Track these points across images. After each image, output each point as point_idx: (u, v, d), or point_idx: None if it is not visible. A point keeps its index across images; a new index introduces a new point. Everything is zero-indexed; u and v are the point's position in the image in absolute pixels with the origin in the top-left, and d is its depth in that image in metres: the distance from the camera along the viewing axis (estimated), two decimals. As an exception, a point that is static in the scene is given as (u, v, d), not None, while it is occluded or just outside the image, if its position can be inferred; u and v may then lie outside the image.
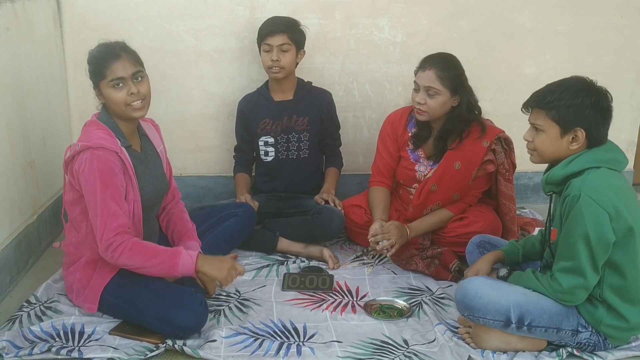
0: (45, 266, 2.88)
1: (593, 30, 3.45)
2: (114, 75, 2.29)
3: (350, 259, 2.98)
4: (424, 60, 2.75)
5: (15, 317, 2.41)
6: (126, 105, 2.32)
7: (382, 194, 2.98)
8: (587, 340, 2.19)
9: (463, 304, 2.23)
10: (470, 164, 2.79)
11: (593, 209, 2.02)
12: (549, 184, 2.18)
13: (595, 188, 2.04)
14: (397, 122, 2.96)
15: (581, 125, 2.10)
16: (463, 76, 2.75)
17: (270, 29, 2.99)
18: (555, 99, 2.11)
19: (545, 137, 2.15)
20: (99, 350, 2.22)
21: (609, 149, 2.16)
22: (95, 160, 2.24)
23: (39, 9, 3.07)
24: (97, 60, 2.32)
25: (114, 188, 2.25)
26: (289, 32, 3.01)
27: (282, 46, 2.98)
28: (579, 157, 2.11)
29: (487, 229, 2.79)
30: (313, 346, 2.28)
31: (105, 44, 2.36)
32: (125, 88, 2.31)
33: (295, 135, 3.14)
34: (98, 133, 2.31)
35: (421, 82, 2.70)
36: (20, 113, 2.83)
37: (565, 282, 2.10)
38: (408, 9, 3.37)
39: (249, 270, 2.83)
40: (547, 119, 2.13)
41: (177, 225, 2.64)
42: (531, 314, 2.15)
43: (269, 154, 3.17)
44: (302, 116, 3.13)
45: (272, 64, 3.00)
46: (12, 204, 2.76)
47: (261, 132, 3.15)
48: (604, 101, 2.11)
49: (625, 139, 3.67)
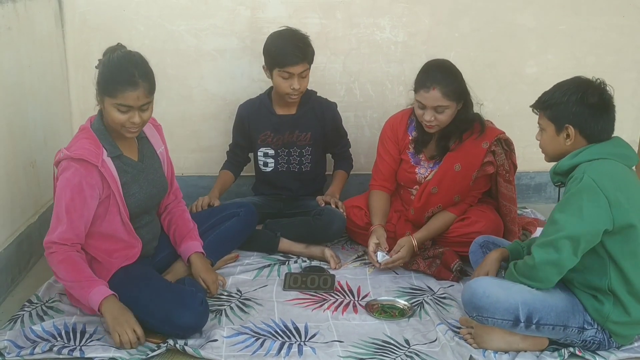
0: (46, 266, 2.84)
1: (595, 30, 3.45)
2: (124, 102, 2.24)
3: (352, 258, 2.97)
4: (423, 79, 2.69)
5: (16, 317, 2.42)
6: (122, 127, 2.30)
7: (382, 198, 2.98)
8: (592, 338, 2.19)
9: (471, 304, 2.23)
10: (470, 165, 2.79)
11: (593, 190, 2.03)
12: (557, 174, 2.21)
13: (600, 173, 2.06)
14: (398, 126, 2.96)
15: (569, 122, 2.15)
16: (463, 81, 2.74)
17: (293, 59, 2.82)
18: (548, 99, 2.20)
19: (546, 135, 2.23)
20: (100, 349, 2.22)
21: (617, 144, 2.19)
22: (70, 171, 2.26)
23: (40, 9, 3.07)
24: (112, 79, 2.24)
25: (77, 203, 2.27)
26: (308, 58, 2.89)
27: (302, 73, 2.88)
28: (586, 149, 2.14)
29: (489, 228, 2.78)
30: (314, 346, 2.28)
31: (126, 59, 2.26)
32: (129, 114, 2.27)
33: (297, 149, 3.09)
34: (83, 143, 2.30)
35: (427, 102, 2.67)
36: (21, 113, 2.83)
37: (538, 256, 2.10)
38: (409, 8, 3.36)
39: (250, 270, 2.83)
40: (544, 118, 2.22)
41: (178, 225, 2.64)
42: (539, 312, 2.15)
43: (268, 165, 3.13)
44: (304, 131, 3.07)
45: (292, 92, 2.90)
46: (14, 203, 2.76)
47: (261, 143, 3.10)
48: (592, 97, 2.14)
49: (627, 139, 3.61)
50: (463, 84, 2.73)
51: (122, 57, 2.28)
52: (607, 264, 2.12)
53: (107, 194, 2.33)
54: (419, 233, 2.83)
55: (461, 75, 2.73)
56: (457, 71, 2.73)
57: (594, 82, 2.19)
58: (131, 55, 2.30)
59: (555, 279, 2.13)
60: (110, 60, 2.27)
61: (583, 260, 2.11)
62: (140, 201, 2.43)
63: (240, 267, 2.87)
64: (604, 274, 2.12)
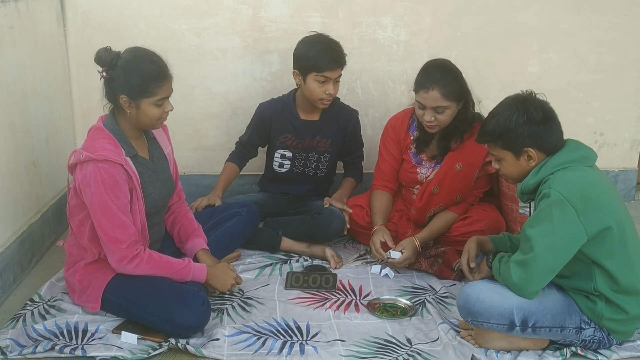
0: (48, 265, 2.89)
1: (597, 28, 3.44)
2: (164, 94, 2.32)
3: (353, 257, 2.97)
4: (423, 79, 2.69)
5: (19, 316, 2.42)
6: (158, 120, 2.36)
7: (384, 198, 2.98)
8: (591, 337, 2.19)
9: (465, 309, 2.22)
10: (471, 165, 2.79)
11: (561, 204, 2.03)
12: (525, 193, 2.22)
13: (565, 184, 2.06)
14: (399, 126, 2.95)
15: (527, 145, 2.14)
16: (463, 81, 2.72)
17: (332, 64, 2.81)
18: (494, 129, 2.18)
19: (506, 163, 2.22)
20: (102, 348, 2.23)
21: (573, 148, 2.17)
22: (100, 173, 2.24)
23: (42, 8, 3.07)
24: (147, 78, 2.28)
25: (121, 200, 2.27)
26: (344, 63, 2.89)
27: (337, 78, 2.88)
28: (545, 164, 2.14)
29: (491, 227, 2.79)
30: (316, 345, 2.28)
31: (150, 58, 2.33)
32: (163, 106, 2.34)
33: (316, 155, 3.08)
34: (103, 143, 2.29)
35: (427, 103, 2.67)
36: (23, 112, 2.84)
37: (515, 275, 2.12)
38: (411, 7, 3.36)
39: (252, 269, 2.84)
40: (498, 149, 2.21)
41: (183, 224, 2.65)
42: (534, 315, 2.14)
43: (284, 167, 3.12)
44: (325, 138, 3.06)
45: (327, 97, 2.88)
46: (16, 202, 2.76)
47: (280, 145, 3.07)
48: (537, 113, 2.14)
49: (630, 138, 3.66)
50: (463, 84, 2.72)
51: (146, 58, 2.33)
52: (592, 267, 2.12)
53: (131, 193, 2.34)
54: (422, 234, 2.83)
55: (461, 75, 2.72)
56: (457, 71, 2.72)
57: (529, 97, 2.18)
58: (145, 51, 2.35)
59: (533, 294, 2.14)
60: (139, 64, 2.30)
61: (568, 267, 2.11)
62: (155, 201, 2.45)
63: (242, 266, 2.87)
64: (589, 278, 2.13)
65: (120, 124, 2.37)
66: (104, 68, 2.30)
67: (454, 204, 2.87)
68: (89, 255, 2.40)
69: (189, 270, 2.40)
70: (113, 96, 2.33)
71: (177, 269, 2.38)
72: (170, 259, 2.40)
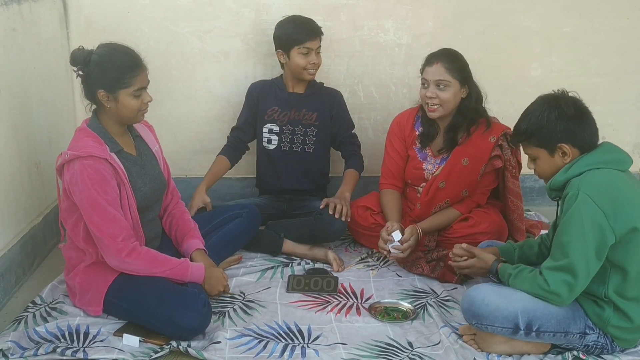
0: (50, 267, 2.89)
1: (599, 32, 3.44)
2: (140, 84, 2.34)
3: (355, 260, 2.97)
4: (429, 57, 2.78)
5: (20, 318, 2.42)
6: (138, 111, 2.38)
7: (395, 197, 2.98)
8: (594, 343, 2.18)
9: (470, 312, 2.22)
10: (477, 159, 2.79)
11: (590, 208, 2.02)
12: (553, 189, 2.21)
13: (594, 186, 2.05)
14: (405, 122, 2.97)
15: (561, 141, 2.14)
16: (468, 66, 2.78)
17: (311, 35, 3.03)
18: (527, 128, 2.18)
19: (541, 162, 2.22)
20: (103, 351, 2.23)
21: (607, 150, 2.17)
22: (86, 170, 2.26)
23: (45, 11, 3.08)
24: (122, 69, 2.31)
25: (109, 195, 2.28)
26: (321, 33, 3.09)
27: (317, 49, 3.05)
28: (578, 162, 2.13)
29: (493, 229, 2.79)
30: (317, 348, 2.28)
31: (123, 50, 2.36)
32: (142, 97, 2.36)
33: (302, 128, 3.14)
34: (86, 141, 2.32)
35: (430, 77, 2.72)
36: (26, 114, 2.84)
37: (552, 281, 2.09)
38: (413, 10, 3.37)
39: (253, 272, 2.84)
40: (532, 147, 2.21)
41: (179, 226, 2.66)
42: (539, 319, 2.14)
43: (271, 142, 3.16)
44: (311, 111, 3.14)
45: (311, 67, 3.05)
46: (18, 205, 2.77)
47: (267, 118, 3.15)
48: (569, 108, 2.14)
49: (632, 141, 3.66)
50: (467, 68, 2.77)
51: (120, 51, 2.35)
52: (608, 272, 2.11)
53: (119, 187, 2.34)
54: (423, 223, 2.84)
55: (467, 63, 2.77)
56: (464, 58, 2.79)
57: (560, 94, 2.19)
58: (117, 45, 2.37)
59: (570, 299, 2.11)
60: (113, 57, 2.32)
61: None
62: (145, 194, 2.46)
63: (243, 269, 2.87)
64: (602, 283, 2.12)
65: (102, 122, 2.39)
66: (78, 67, 2.33)
67: (460, 199, 2.87)
68: (87, 257, 2.40)
69: (187, 268, 2.41)
70: (91, 93, 2.36)
71: (175, 265, 2.39)
72: (168, 256, 2.42)
